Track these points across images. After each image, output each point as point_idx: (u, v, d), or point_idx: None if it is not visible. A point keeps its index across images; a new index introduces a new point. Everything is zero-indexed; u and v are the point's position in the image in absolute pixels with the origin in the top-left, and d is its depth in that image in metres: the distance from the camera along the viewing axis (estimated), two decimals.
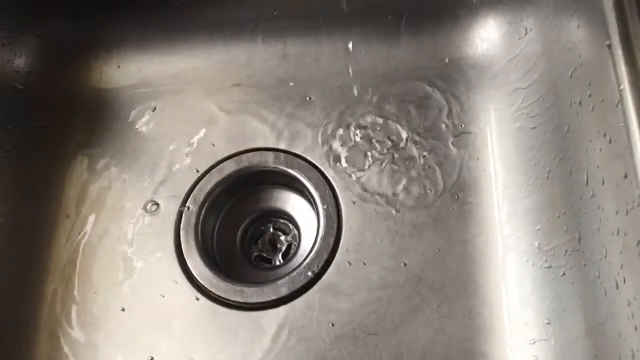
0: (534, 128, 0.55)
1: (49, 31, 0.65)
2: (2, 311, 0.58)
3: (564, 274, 0.49)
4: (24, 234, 0.60)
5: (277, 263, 0.62)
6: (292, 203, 0.63)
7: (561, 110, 0.51)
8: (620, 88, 0.40)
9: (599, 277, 0.44)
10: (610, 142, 0.42)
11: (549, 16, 0.54)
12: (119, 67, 0.67)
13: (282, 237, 0.63)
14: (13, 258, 0.59)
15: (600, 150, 0.43)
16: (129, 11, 0.65)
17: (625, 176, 0.40)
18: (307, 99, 0.64)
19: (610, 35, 0.41)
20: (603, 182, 0.43)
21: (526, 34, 0.58)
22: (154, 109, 0.65)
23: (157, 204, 0.61)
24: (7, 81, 0.63)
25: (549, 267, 0.51)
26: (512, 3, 0.59)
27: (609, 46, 0.41)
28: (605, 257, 0.43)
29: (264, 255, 0.63)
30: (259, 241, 0.64)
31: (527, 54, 0.57)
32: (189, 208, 0.60)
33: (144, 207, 0.61)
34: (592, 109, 0.45)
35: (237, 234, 0.63)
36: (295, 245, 0.62)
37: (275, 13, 0.64)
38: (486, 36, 0.62)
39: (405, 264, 0.56)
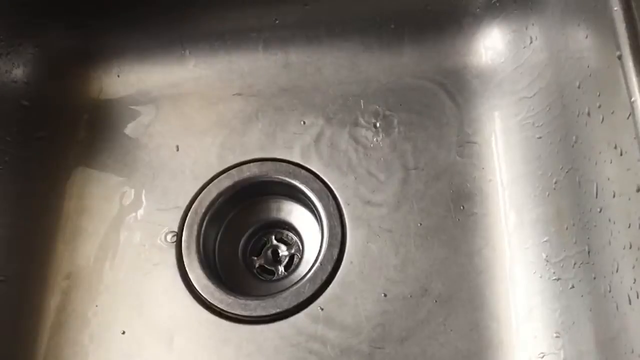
0: (540, 138, 0.55)
1: (47, 41, 0.65)
2: (1, 323, 0.57)
3: (573, 286, 0.49)
4: (23, 247, 0.60)
5: (280, 275, 0.61)
6: (294, 214, 0.63)
7: (569, 120, 0.50)
8: (632, 100, 0.39)
9: (610, 291, 0.43)
10: (621, 154, 0.41)
11: (554, 25, 0.54)
12: (118, 76, 0.66)
13: (285, 249, 0.63)
14: (12, 271, 0.58)
15: (611, 162, 0.43)
16: (129, 20, 0.65)
17: (638, 190, 0.39)
18: (310, 108, 0.63)
19: (620, 46, 0.41)
20: (614, 195, 0.42)
21: (531, 42, 0.58)
22: (155, 119, 0.64)
23: (158, 216, 0.60)
24: (6, 92, 0.62)
25: (558, 279, 0.50)
26: (517, 12, 0.59)
27: (620, 57, 0.40)
28: (617, 271, 0.42)
29: (267, 266, 0.62)
30: (262, 252, 0.63)
31: (533, 63, 0.57)
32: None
33: (145, 219, 0.60)
34: (601, 120, 0.44)
35: (239, 245, 0.62)
36: (298, 256, 0.62)
37: (277, 22, 0.64)
38: (490, 45, 0.61)
39: (410, 276, 0.55)
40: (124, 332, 0.56)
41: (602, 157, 0.44)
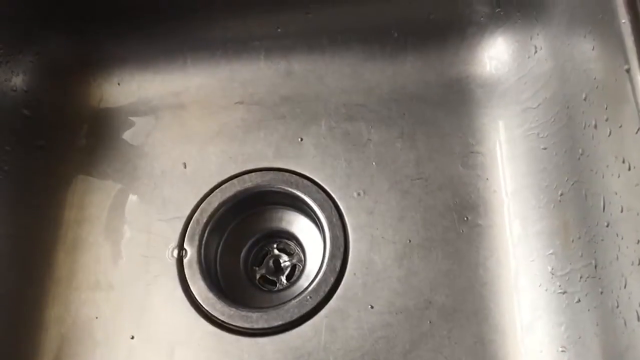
0: (545, 149, 0.54)
1: (47, 49, 0.64)
2: (1, 336, 0.56)
3: (579, 300, 0.48)
4: (23, 257, 0.59)
5: (281, 285, 0.61)
6: (296, 224, 0.62)
7: (574, 132, 0.50)
8: None
9: (617, 307, 0.43)
10: (629, 169, 0.41)
11: (560, 35, 0.53)
12: (119, 84, 0.66)
13: (287, 259, 0.62)
14: (12, 282, 0.58)
15: (619, 176, 0.42)
16: (130, 28, 0.64)
17: None
18: (312, 117, 0.63)
19: (628, 59, 0.40)
20: (622, 209, 0.42)
21: (536, 52, 0.57)
22: (156, 128, 0.64)
23: (160, 226, 0.60)
24: (5, 100, 0.61)
25: (563, 292, 0.50)
26: (521, 21, 0.58)
27: (628, 71, 0.40)
28: (625, 287, 0.41)
29: (268, 277, 0.62)
30: (263, 262, 0.62)
31: (537, 73, 0.56)
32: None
33: (146, 229, 0.60)
34: (609, 133, 0.44)
35: (240, 255, 0.62)
36: (300, 267, 0.61)
37: (279, 30, 0.63)
38: (494, 54, 0.61)
39: (414, 288, 0.55)
40: (126, 343, 0.55)
41: (610, 171, 0.44)
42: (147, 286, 0.58)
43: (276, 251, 0.63)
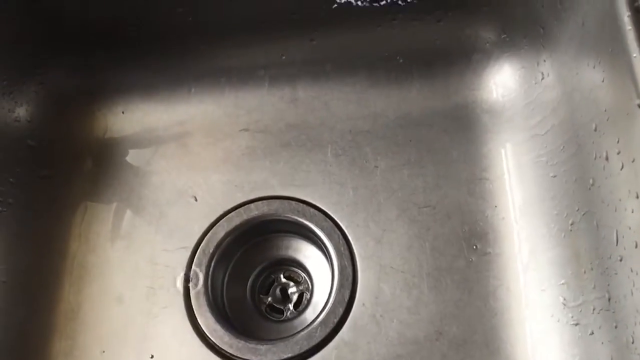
0: (554, 176, 0.54)
1: (51, 79, 0.64)
2: None
3: (592, 332, 0.48)
4: (29, 289, 0.59)
5: (289, 314, 0.60)
6: (303, 252, 0.62)
7: (585, 162, 0.49)
8: None
9: (633, 342, 0.42)
10: None
11: (567, 63, 0.53)
12: (123, 113, 0.65)
13: (294, 287, 0.62)
14: (18, 315, 0.57)
15: (632, 211, 0.42)
16: (134, 57, 0.64)
17: None
18: (318, 144, 0.62)
19: None
20: (636, 245, 0.41)
21: (543, 78, 0.57)
22: (161, 157, 0.63)
23: (166, 257, 0.59)
24: (9, 131, 0.61)
25: (576, 324, 0.49)
26: (527, 47, 0.58)
27: None
28: None
29: (275, 305, 0.61)
30: (270, 291, 0.62)
31: (545, 100, 0.56)
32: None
33: (152, 260, 0.59)
34: (621, 167, 0.43)
35: (247, 284, 0.61)
36: (307, 295, 0.61)
37: (283, 58, 0.63)
38: (500, 80, 0.60)
39: (424, 319, 0.54)
40: None
41: (622, 205, 0.43)
42: (153, 318, 0.57)
43: (283, 279, 0.62)
